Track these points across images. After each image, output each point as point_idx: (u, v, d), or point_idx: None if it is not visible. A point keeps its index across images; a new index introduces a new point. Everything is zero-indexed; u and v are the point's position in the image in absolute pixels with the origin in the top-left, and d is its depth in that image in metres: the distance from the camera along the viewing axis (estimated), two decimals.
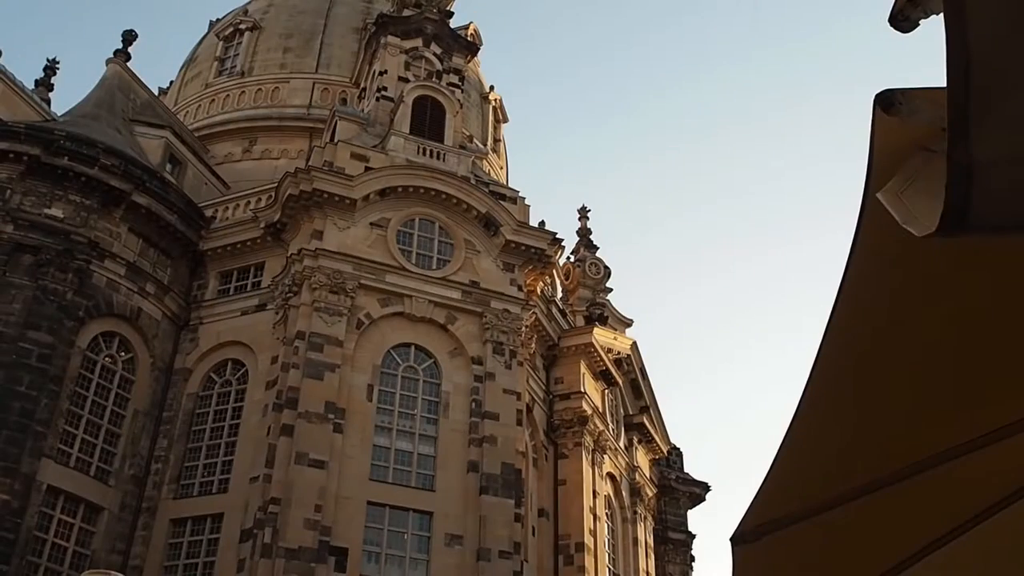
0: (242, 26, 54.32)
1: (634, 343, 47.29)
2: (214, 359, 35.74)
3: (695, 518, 54.42)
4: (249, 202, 38.62)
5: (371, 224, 34.82)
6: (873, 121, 2.93)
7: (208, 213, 38.59)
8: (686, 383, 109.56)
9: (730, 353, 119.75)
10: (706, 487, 53.04)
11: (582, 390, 41.93)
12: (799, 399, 3.45)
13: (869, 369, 3.42)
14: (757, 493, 3.74)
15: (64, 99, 44.63)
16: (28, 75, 41.97)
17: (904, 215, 2.85)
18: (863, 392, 3.49)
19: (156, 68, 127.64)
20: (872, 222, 3.05)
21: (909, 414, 3.48)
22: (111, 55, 44.35)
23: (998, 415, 3.47)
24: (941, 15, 2.53)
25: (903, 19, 3.06)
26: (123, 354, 34.44)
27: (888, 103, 2.90)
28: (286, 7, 55.57)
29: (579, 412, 41.29)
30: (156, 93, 49.50)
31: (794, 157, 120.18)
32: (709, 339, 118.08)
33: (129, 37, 45.37)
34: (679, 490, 51.65)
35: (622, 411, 46.73)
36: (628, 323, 51.48)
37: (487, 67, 58.06)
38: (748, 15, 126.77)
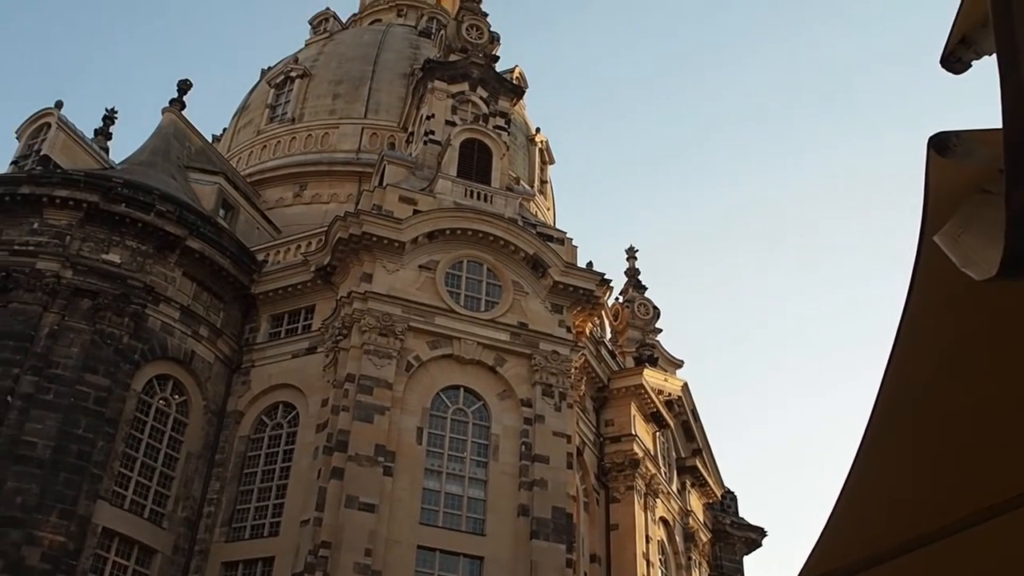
0: (293, 74, 55.18)
1: (685, 384, 46.90)
2: (265, 402, 35.97)
3: (751, 564, 53.50)
4: (300, 246, 39.00)
5: (420, 266, 35.00)
6: (927, 164, 2.93)
7: (260, 257, 39.01)
8: (740, 425, 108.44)
9: (785, 394, 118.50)
10: (762, 532, 52.20)
11: (633, 432, 41.59)
12: (859, 443, 3.40)
13: (929, 414, 3.37)
14: (818, 541, 3.69)
15: (122, 147, 45.71)
16: (88, 125, 42.65)
17: (963, 258, 2.84)
18: (923, 437, 3.44)
19: (210, 116, 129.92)
20: (929, 265, 3.03)
21: (971, 459, 3.43)
22: (167, 104, 45.28)
23: None
24: (993, 56, 2.53)
25: (955, 60, 3.06)
26: (177, 397, 34.80)
27: (942, 145, 2.90)
28: (335, 55, 56.41)
29: (630, 455, 40.95)
30: (210, 140, 50.32)
31: (848, 199, 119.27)
32: (763, 380, 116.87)
33: (184, 87, 46.30)
34: (734, 535, 50.85)
35: (674, 454, 46.27)
36: (678, 364, 51.11)
37: (533, 109, 58.46)
38: (799, 60, 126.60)
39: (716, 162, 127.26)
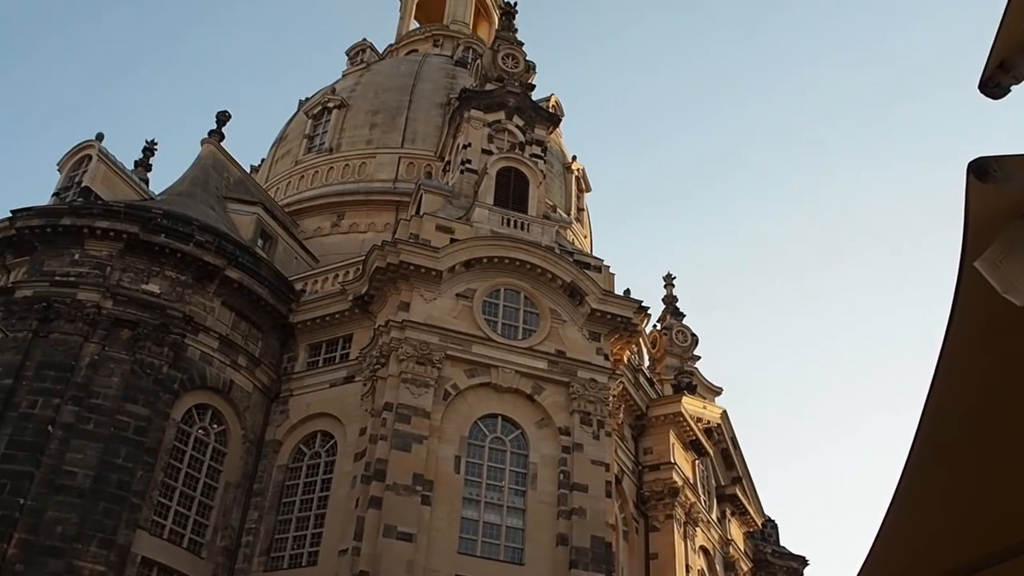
0: (330, 104, 55.67)
1: (724, 412, 46.55)
2: (304, 431, 36.04)
3: None
4: (337, 275, 39.17)
5: (457, 295, 35.02)
6: (967, 189, 2.87)
7: (298, 287, 39.23)
8: (780, 453, 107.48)
9: (826, 420, 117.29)
10: (804, 561, 51.52)
11: (672, 460, 41.31)
12: (901, 472, 3.34)
13: (971, 443, 3.30)
14: (860, 570, 3.62)
15: (162, 178, 46.43)
16: (128, 156, 43.35)
17: (1004, 284, 2.78)
18: (965, 467, 3.37)
19: (248, 147, 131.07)
20: (970, 292, 2.97)
21: (1013, 490, 3.35)
22: (206, 135, 45.82)
23: None
24: None
25: (994, 86, 3.01)
26: (215, 426, 34.95)
27: (982, 171, 2.85)
28: (372, 85, 56.85)
29: (669, 483, 40.66)
30: (248, 171, 50.87)
31: (887, 225, 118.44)
32: (803, 406, 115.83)
33: (223, 118, 46.87)
34: (775, 564, 50.25)
35: (714, 482, 45.90)
36: (717, 391, 50.80)
37: (569, 137, 58.56)
38: (835, 85, 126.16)
39: (753, 188, 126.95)
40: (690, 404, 43.46)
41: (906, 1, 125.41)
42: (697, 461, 44.05)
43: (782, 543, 52.04)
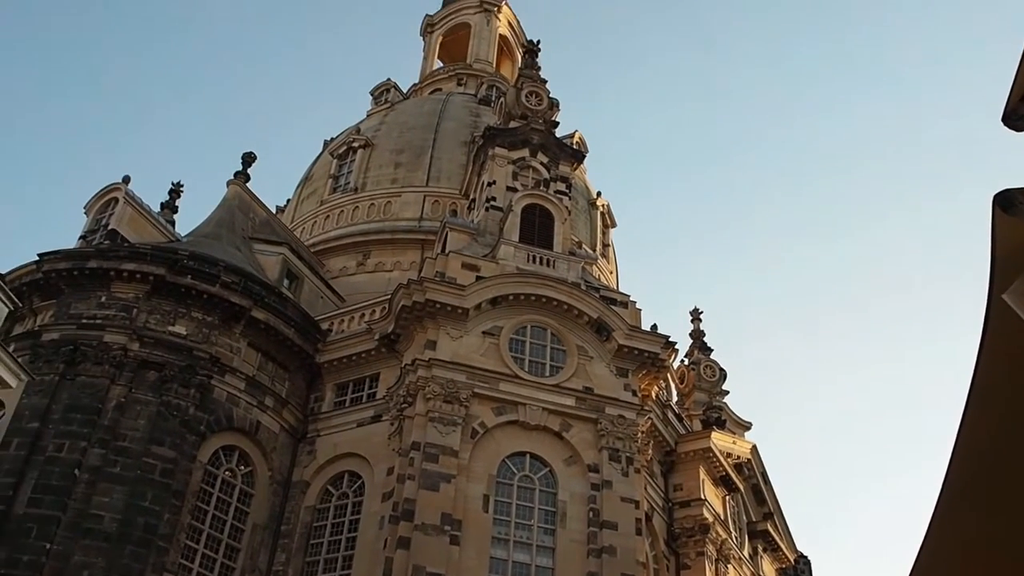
0: (355, 144, 56.02)
1: (754, 447, 46.15)
2: (331, 471, 35.89)
3: None
4: (363, 314, 39.18)
5: (483, 332, 34.91)
6: (993, 221, 2.77)
7: (324, 326, 39.25)
8: (812, 487, 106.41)
9: (857, 455, 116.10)
10: None
11: (702, 497, 40.93)
12: (933, 510, 3.23)
13: (1003, 478, 3.18)
14: None
15: (188, 219, 46.74)
16: (155, 198, 43.76)
17: None
18: (997, 503, 3.24)
19: (274, 187, 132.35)
20: (999, 323, 2.86)
21: None
22: (232, 176, 46.15)
23: None
24: None
25: (1017, 118, 2.92)
26: (242, 468, 34.85)
27: (1008, 203, 2.75)
28: (397, 124, 57.19)
29: (700, 520, 40.25)
30: (274, 211, 51.18)
31: (913, 258, 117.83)
32: (834, 440, 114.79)
33: (248, 159, 47.25)
34: None
35: (745, 518, 45.42)
36: (747, 426, 50.40)
37: (593, 173, 58.62)
38: (860, 116, 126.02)
39: (779, 221, 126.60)
40: (719, 439, 43.11)
41: (928, 34, 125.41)
42: (728, 497, 43.63)
43: None
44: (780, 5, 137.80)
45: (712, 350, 52.49)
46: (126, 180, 41.13)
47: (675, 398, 48.26)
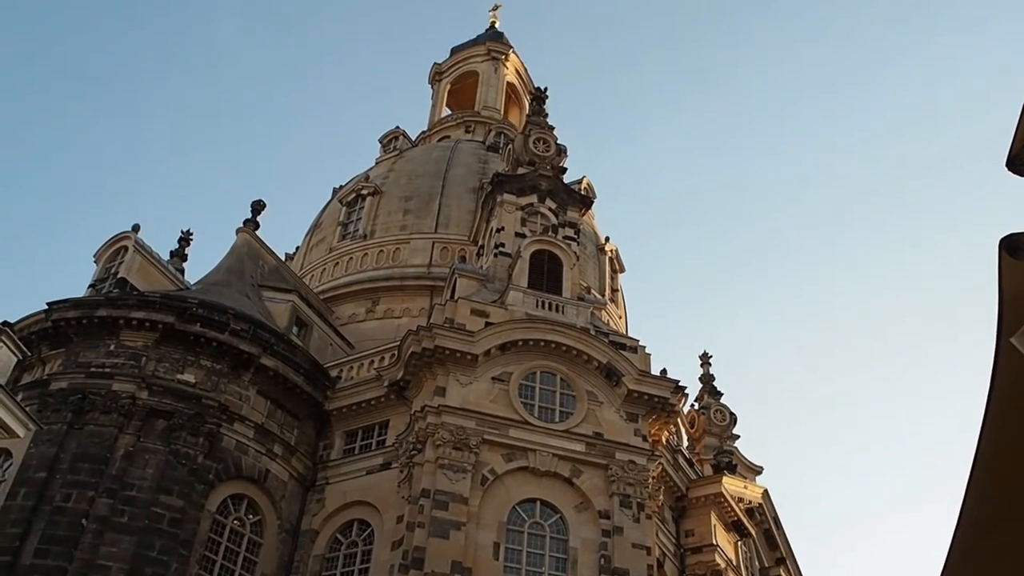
0: (364, 191, 56.22)
1: (765, 491, 45.79)
2: (340, 520, 35.62)
3: None
4: (373, 361, 39.12)
5: (493, 379, 34.79)
6: (1000, 266, 2.73)
7: (333, 373, 39.17)
8: (824, 532, 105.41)
9: (868, 500, 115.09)
10: None
11: (714, 542, 40.56)
12: (947, 554, 3.16)
13: (1019, 523, 3.11)
14: None
15: (197, 266, 46.72)
16: (164, 246, 43.94)
17: None
18: (1013, 547, 3.17)
19: (283, 234, 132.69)
20: (1008, 367, 2.81)
21: None
22: (241, 224, 46.28)
23: None
24: None
25: (1021, 163, 2.89)
26: (251, 516, 34.59)
27: (1014, 247, 2.72)
28: (405, 171, 57.41)
29: (712, 566, 39.85)
30: (283, 258, 51.26)
31: (922, 301, 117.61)
32: (846, 484, 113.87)
33: (258, 207, 47.41)
34: None
35: (757, 563, 44.96)
36: (758, 470, 50.04)
37: (601, 218, 58.66)
38: (868, 160, 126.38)
39: (787, 264, 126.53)
40: (731, 484, 42.80)
41: (932, 77, 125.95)
42: (740, 542, 43.22)
43: None
44: (787, 50, 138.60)
45: (722, 394, 52.25)
46: (136, 228, 41.31)
47: (685, 443, 47.96)
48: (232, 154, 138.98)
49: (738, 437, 50.41)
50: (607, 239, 57.15)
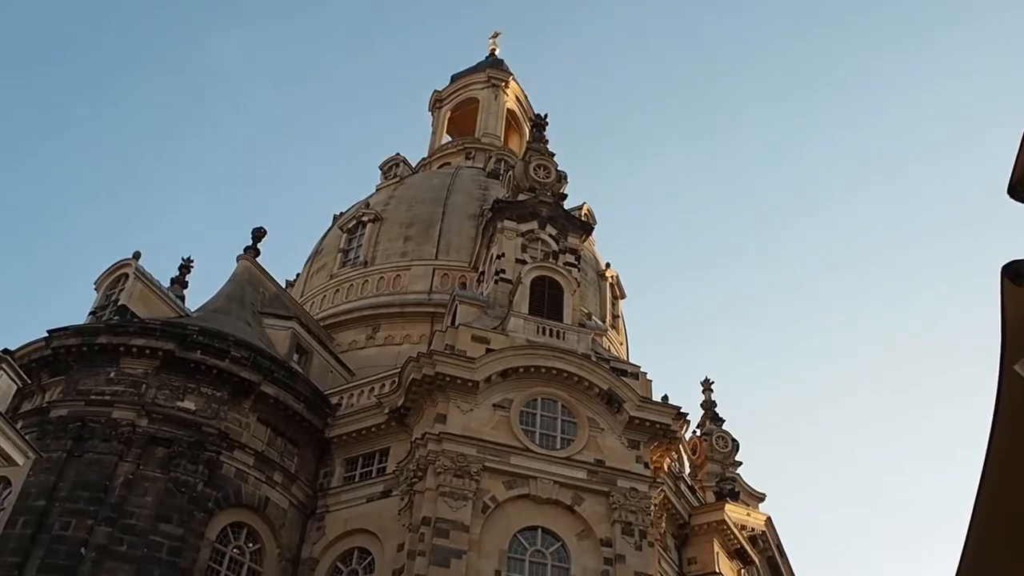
0: (364, 218, 56.23)
1: (768, 519, 45.58)
2: (340, 548, 35.40)
3: None
4: (373, 388, 39.00)
5: (494, 405, 34.67)
6: (1002, 293, 2.68)
7: (334, 400, 39.05)
8: (827, 559, 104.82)
9: (872, 527, 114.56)
10: None
11: (717, 570, 40.31)
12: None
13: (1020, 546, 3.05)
14: None
15: (198, 294, 46.54)
16: (164, 273, 43.90)
17: None
18: (1019, 573, 3.11)
19: (284, 261, 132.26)
20: (1012, 394, 2.76)
21: None
22: (241, 251, 46.28)
23: None
24: None
25: (1022, 190, 2.85)
26: (251, 545, 34.36)
27: (1016, 274, 2.68)
28: (406, 198, 57.45)
29: None
30: (284, 285, 51.22)
31: (924, 327, 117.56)
32: (850, 511, 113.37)
33: (259, 234, 47.41)
34: None
35: None
36: (761, 497, 49.83)
37: (602, 244, 58.67)
38: (862, 189, 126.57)
39: (788, 292, 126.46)
40: (733, 511, 42.61)
41: (932, 105, 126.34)
42: (743, 570, 42.98)
43: None
44: (787, 80, 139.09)
45: (724, 420, 52.10)
46: (136, 256, 41.31)
47: (687, 470, 47.76)
48: (233, 181, 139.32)
49: (740, 464, 50.25)
50: (608, 265, 57.16)
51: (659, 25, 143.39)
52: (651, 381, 37.85)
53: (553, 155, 46.64)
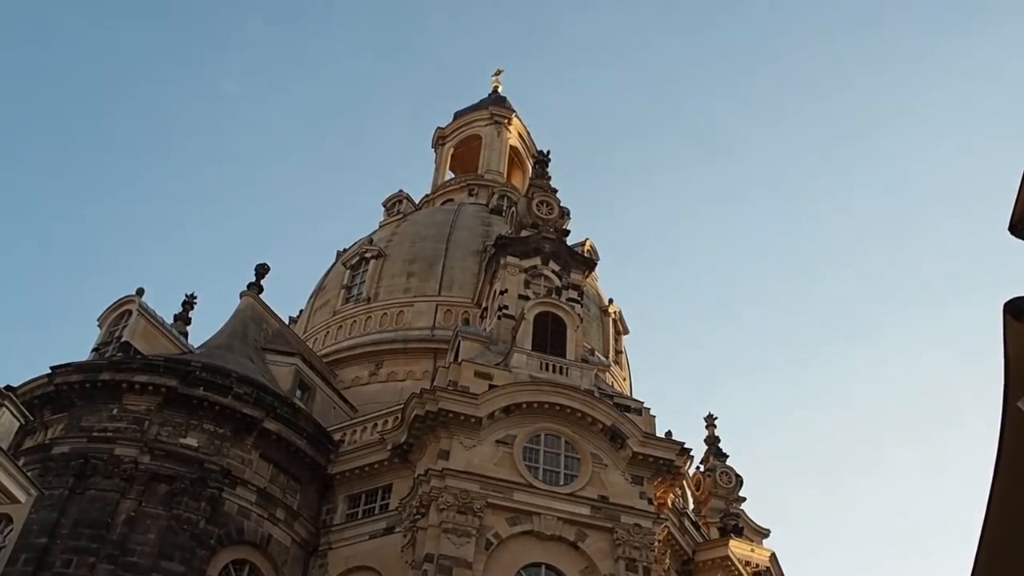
0: (368, 255, 56.30)
1: (773, 555, 45.26)
2: None
3: None
4: (376, 424, 38.96)
5: (497, 441, 34.59)
6: (1005, 330, 2.72)
7: (336, 437, 38.98)
8: None
9: (878, 563, 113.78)
10: None
11: None
12: None
13: None
14: None
15: (201, 330, 46.45)
16: (168, 310, 43.88)
17: None
18: None
19: (287, 297, 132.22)
20: (1016, 431, 2.79)
21: None
22: (245, 288, 46.34)
23: None
24: None
25: (1023, 227, 2.89)
26: None
27: (1019, 311, 2.71)
28: (409, 235, 57.57)
29: None
30: (287, 322, 51.18)
31: (922, 363, 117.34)
32: (854, 547, 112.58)
33: (262, 271, 47.50)
34: None
35: None
36: (765, 533, 49.46)
37: (605, 280, 58.73)
38: (865, 222, 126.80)
39: (792, 327, 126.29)
40: (738, 547, 42.36)
41: (931, 140, 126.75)
42: None
43: None
44: (790, 111, 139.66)
45: (728, 456, 51.81)
46: (140, 292, 41.36)
47: (691, 505, 47.51)
48: (236, 218, 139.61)
49: (744, 499, 49.94)
50: (610, 301, 57.16)
51: (660, 61, 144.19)
52: (654, 417, 37.79)
53: (556, 191, 46.79)
